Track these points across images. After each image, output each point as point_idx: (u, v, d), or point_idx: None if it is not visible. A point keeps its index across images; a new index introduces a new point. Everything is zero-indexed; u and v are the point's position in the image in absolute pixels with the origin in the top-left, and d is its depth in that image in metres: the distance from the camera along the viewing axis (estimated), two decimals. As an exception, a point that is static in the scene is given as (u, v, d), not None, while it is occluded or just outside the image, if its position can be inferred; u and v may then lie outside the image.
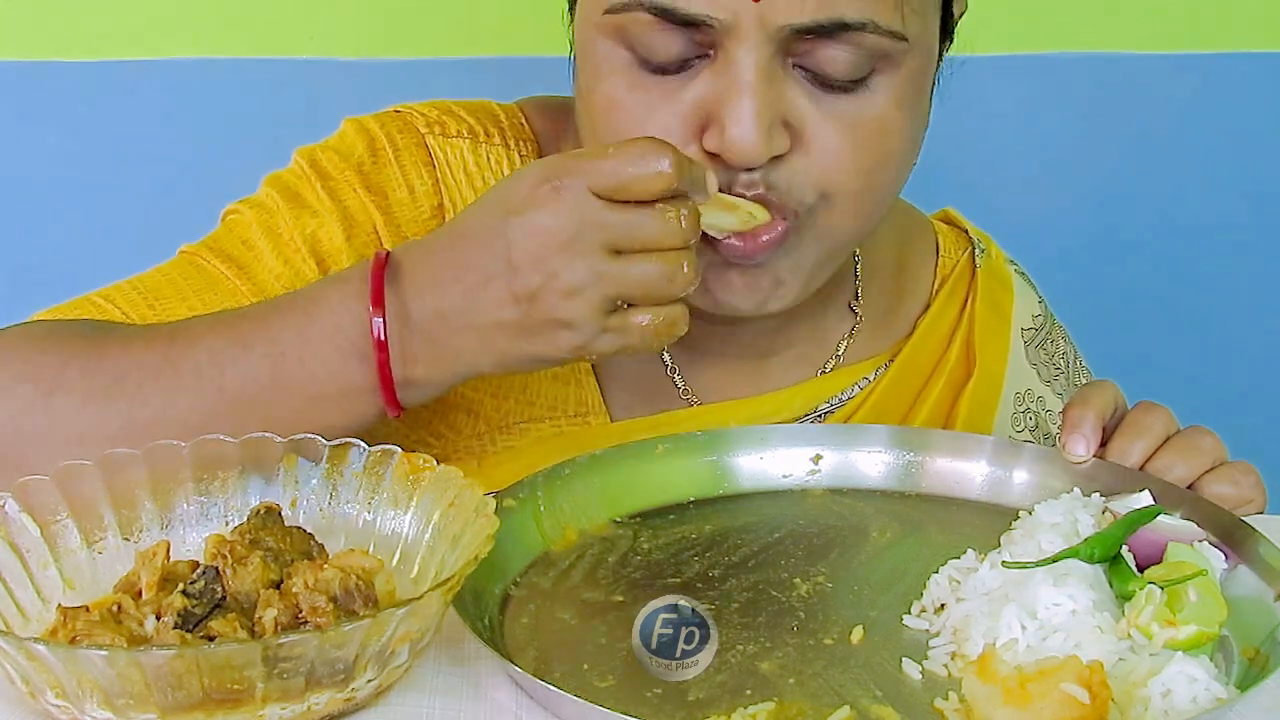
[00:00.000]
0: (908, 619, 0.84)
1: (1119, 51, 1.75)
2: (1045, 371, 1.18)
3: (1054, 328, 1.20)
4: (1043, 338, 1.18)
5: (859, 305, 1.12)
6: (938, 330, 1.14)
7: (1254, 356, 1.85)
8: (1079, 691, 0.70)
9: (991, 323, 1.15)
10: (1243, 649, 0.78)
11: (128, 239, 1.62)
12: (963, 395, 1.13)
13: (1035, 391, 1.16)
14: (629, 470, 0.96)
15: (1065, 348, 1.21)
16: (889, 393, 1.11)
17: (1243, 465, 0.96)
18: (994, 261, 1.18)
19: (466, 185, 1.07)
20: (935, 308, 1.14)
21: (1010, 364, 1.15)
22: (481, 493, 0.81)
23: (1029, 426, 1.16)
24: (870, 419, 1.10)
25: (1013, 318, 1.16)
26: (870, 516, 0.96)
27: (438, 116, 1.08)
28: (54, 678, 0.68)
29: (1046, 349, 1.19)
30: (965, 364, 1.14)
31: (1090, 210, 1.79)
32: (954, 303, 1.15)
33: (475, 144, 1.07)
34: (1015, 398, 1.15)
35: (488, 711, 0.76)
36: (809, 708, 0.75)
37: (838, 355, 1.12)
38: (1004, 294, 1.17)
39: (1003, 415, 1.14)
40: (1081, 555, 0.81)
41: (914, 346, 1.13)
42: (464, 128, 1.08)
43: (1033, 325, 1.18)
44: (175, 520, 0.84)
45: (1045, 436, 1.16)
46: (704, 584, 0.88)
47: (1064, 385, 1.19)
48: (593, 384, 1.08)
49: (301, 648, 0.68)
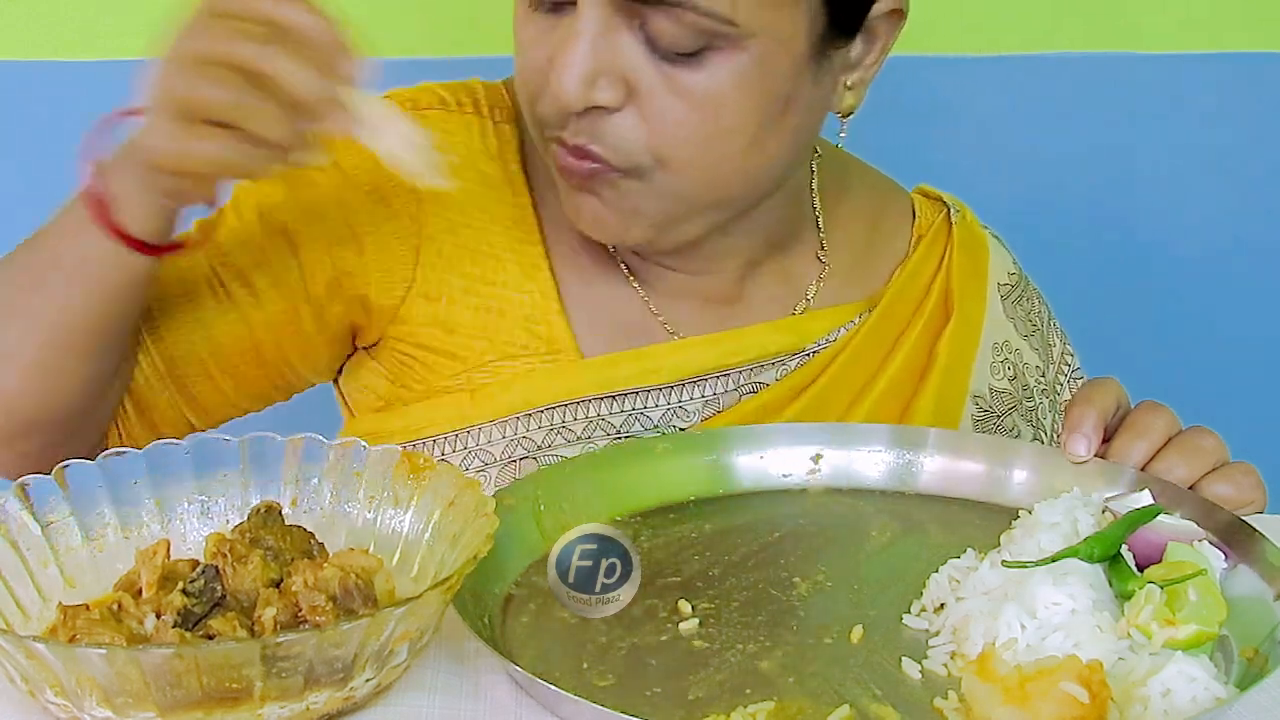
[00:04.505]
0: (907, 618, 0.84)
1: (1119, 51, 1.75)
2: (1022, 327, 1.20)
3: (1029, 287, 1.23)
4: (1018, 295, 1.21)
5: (825, 255, 1.16)
6: (917, 280, 1.17)
7: (1254, 356, 1.85)
8: (1078, 691, 0.70)
9: (969, 273, 1.18)
10: (1242, 648, 0.78)
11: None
12: (941, 339, 1.15)
13: (1013, 344, 1.19)
14: (629, 469, 0.97)
15: (1040, 307, 1.23)
16: (870, 337, 1.14)
17: (1243, 466, 0.96)
18: (969, 223, 1.22)
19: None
20: (915, 259, 1.18)
21: (988, 314, 1.18)
22: (481, 492, 0.81)
23: (1008, 376, 1.18)
24: (852, 361, 1.13)
25: (989, 272, 1.20)
26: (870, 516, 0.96)
27: (412, 94, 1.12)
28: (53, 676, 0.68)
29: (1023, 305, 1.21)
30: (944, 310, 1.17)
31: (1090, 210, 1.79)
32: (933, 255, 1.18)
33: (446, 113, 1.12)
34: (994, 347, 1.18)
35: (488, 711, 0.76)
36: (809, 707, 0.75)
37: (808, 299, 1.15)
38: (979, 249, 1.20)
39: (981, 362, 1.17)
40: (1081, 555, 0.81)
41: (894, 294, 1.16)
42: (435, 100, 1.12)
43: (1009, 282, 1.21)
44: (175, 519, 0.85)
45: (1024, 387, 1.18)
46: (704, 583, 0.88)
47: (1039, 343, 1.21)
48: (563, 324, 1.09)
49: (300, 646, 0.68)
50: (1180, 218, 1.80)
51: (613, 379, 1.08)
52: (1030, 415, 1.19)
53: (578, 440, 1.08)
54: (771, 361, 1.12)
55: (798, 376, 1.12)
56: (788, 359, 1.12)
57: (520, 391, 1.08)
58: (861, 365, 1.14)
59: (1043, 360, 1.21)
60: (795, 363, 1.12)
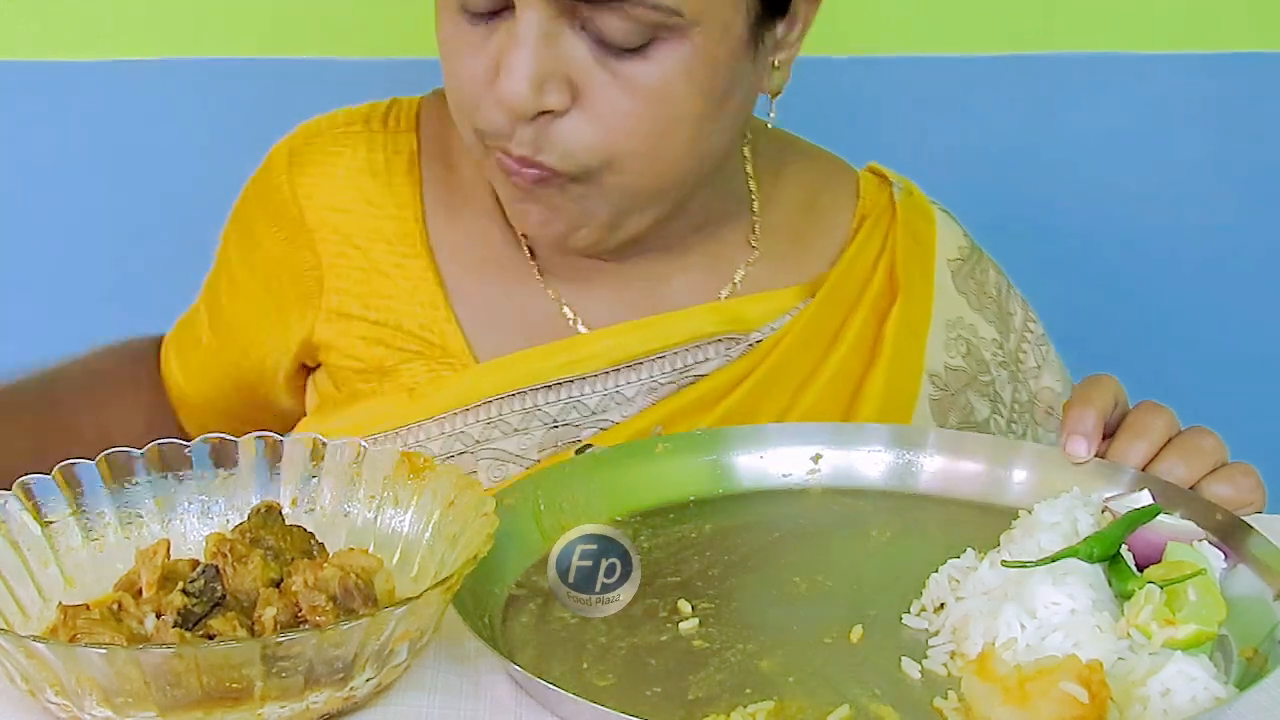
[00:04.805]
0: (907, 618, 0.84)
1: (1119, 51, 1.75)
2: (976, 300, 1.20)
3: (982, 259, 1.23)
4: (970, 268, 1.21)
5: (756, 239, 1.15)
6: (861, 261, 1.17)
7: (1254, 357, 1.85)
8: (1078, 691, 0.70)
9: (915, 251, 1.18)
10: (1242, 648, 0.78)
11: (127, 238, 1.62)
12: (888, 321, 1.15)
13: (966, 319, 1.18)
14: (629, 469, 0.97)
15: (997, 277, 1.23)
16: (815, 322, 1.14)
17: (1243, 466, 0.96)
18: (915, 199, 1.21)
19: (322, 180, 1.13)
20: (858, 241, 1.17)
21: (938, 292, 1.18)
22: (481, 491, 0.81)
23: (961, 353, 1.17)
24: (796, 347, 1.13)
25: (937, 248, 1.19)
26: (870, 515, 0.96)
27: (317, 122, 1.16)
28: (54, 676, 0.68)
29: (976, 278, 1.21)
30: (889, 291, 1.16)
31: (1090, 210, 1.79)
32: (876, 234, 1.18)
33: (335, 134, 1.14)
34: (946, 324, 1.17)
35: (487, 710, 0.76)
36: (808, 706, 0.75)
37: (735, 282, 1.14)
38: (926, 226, 1.20)
39: (934, 341, 1.16)
40: (1081, 555, 0.81)
41: (837, 277, 1.15)
42: (333, 122, 1.16)
43: (959, 256, 1.20)
44: (175, 519, 0.85)
45: (978, 362, 1.18)
46: (704, 583, 0.88)
47: (996, 314, 1.21)
48: (454, 332, 1.11)
49: (300, 646, 0.68)
50: (1180, 218, 1.80)
51: (536, 373, 1.09)
52: (986, 389, 1.18)
53: (515, 432, 1.08)
54: (709, 344, 1.11)
55: (740, 365, 1.11)
56: (730, 347, 1.12)
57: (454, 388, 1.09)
58: (807, 351, 1.13)
59: (1000, 332, 1.20)
60: (738, 351, 1.12)
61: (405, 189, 1.12)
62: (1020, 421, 1.20)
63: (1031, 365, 1.21)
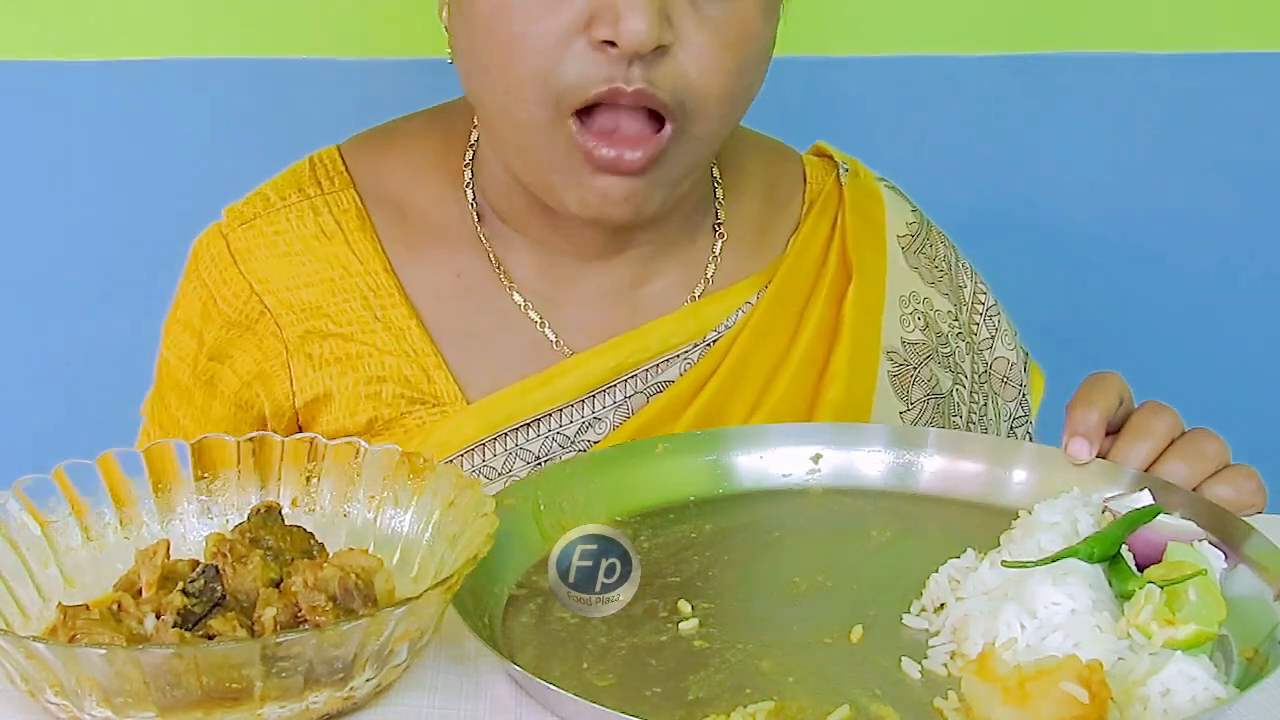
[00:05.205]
0: (907, 618, 0.84)
1: (1119, 51, 1.75)
2: (927, 274, 1.20)
3: (931, 232, 1.23)
4: (920, 243, 1.21)
5: (722, 226, 1.15)
6: (812, 248, 1.17)
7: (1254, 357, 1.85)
8: (1078, 691, 0.70)
9: (865, 231, 1.18)
10: (1242, 649, 0.78)
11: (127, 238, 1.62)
12: (845, 302, 1.15)
13: (920, 293, 1.19)
14: (629, 469, 0.97)
15: (945, 251, 1.23)
16: (771, 312, 1.13)
17: (1245, 469, 0.96)
18: (861, 179, 1.21)
19: (275, 261, 1.11)
20: (807, 226, 1.17)
21: (890, 269, 1.18)
22: (481, 492, 0.81)
23: (919, 327, 1.18)
24: (755, 339, 1.12)
25: (886, 225, 1.19)
26: (870, 515, 0.96)
27: (239, 208, 1.14)
28: (53, 676, 0.68)
29: (926, 253, 1.21)
30: (843, 272, 1.16)
31: (1090, 209, 1.79)
32: (825, 219, 1.18)
33: (272, 214, 1.12)
34: (900, 300, 1.17)
35: (488, 711, 0.76)
36: (808, 706, 0.75)
37: (708, 278, 1.14)
38: (874, 205, 1.20)
39: (890, 318, 1.16)
40: (1081, 555, 0.81)
41: (789, 265, 1.15)
42: (261, 205, 1.13)
43: (908, 232, 1.20)
44: (175, 519, 0.85)
45: (937, 334, 1.18)
46: (704, 583, 0.88)
47: (948, 286, 1.21)
48: (444, 376, 1.09)
49: (300, 646, 0.68)
50: (1179, 218, 1.80)
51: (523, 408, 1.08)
52: (948, 361, 1.18)
53: (499, 476, 1.08)
54: (674, 356, 1.11)
55: (702, 367, 1.11)
56: (689, 351, 1.12)
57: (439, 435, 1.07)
58: (768, 343, 1.13)
59: (954, 304, 1.20)
60: (697, 354, 1.12)
61: (364, 244, 1.11)
62: (981, 391, 1.20)
63: (985, 337, 1.22)
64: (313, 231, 1.11)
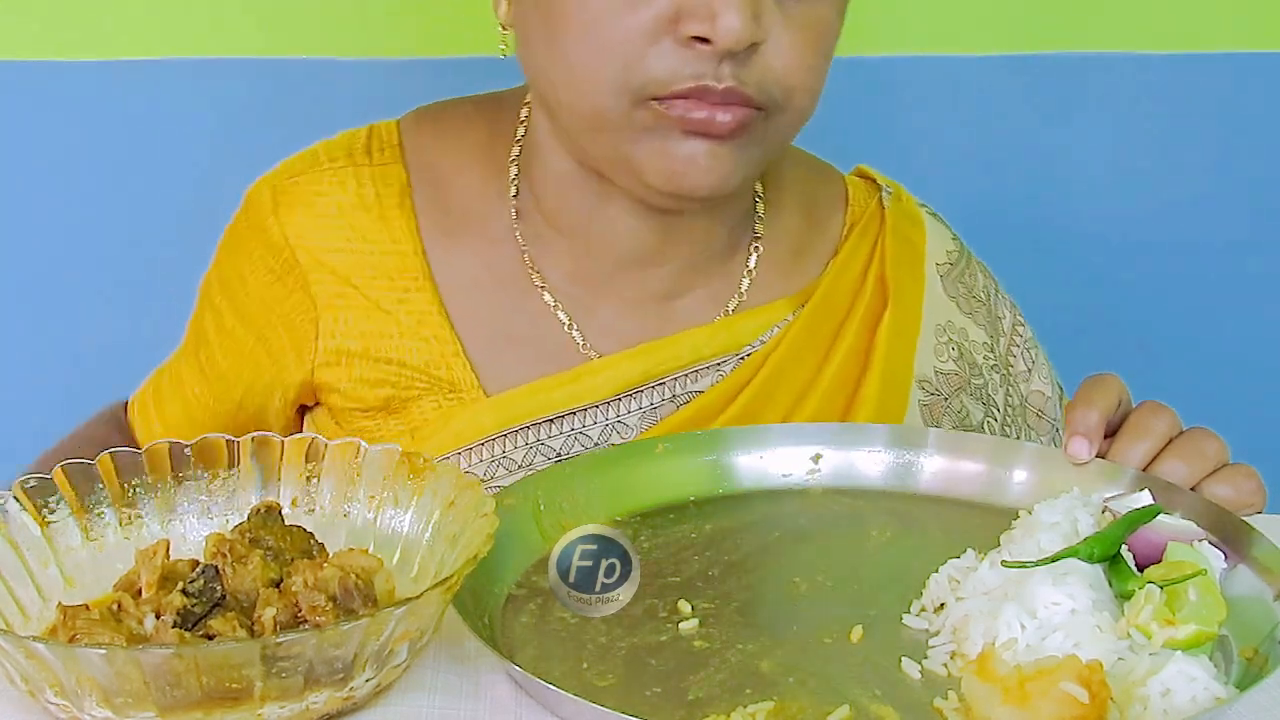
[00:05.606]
0: (907, 618, 0.84)
1: (1119, 51, 1.75)
2: (965, 304, 1.19)
3: (971, 262, 1.22)
4: (959, 272, 1.20)
5: (760, 243, 1.15)
6: (850, 270, 1.16)
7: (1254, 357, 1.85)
8: (1078, 691, 0.70)
9: (904, 257, 1.18)
10: (1242, 649, 0.78)
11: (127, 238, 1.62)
12: (880, 328, 1.15)
13: (956, 323, 1.18)
14: (629, 469, 0.97)
15: (985, 281, 1.22)
16: (805, 333, 1.13)
17: (1245, 468, 0.96)
18: (904, 204, 1.21)
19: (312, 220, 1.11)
20: (847, 248, 1.17)
21: (927, 297, 1.17)
22: (481, 492, 0.81)
23: (953, 357, 1.17)
24: (789, 357, 1.12)
25: (926, 253, 1.19)
26: (870, 515, 0.96)
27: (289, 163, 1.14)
28: (53, 676, 0.68)
29: (965, 282, 1.20)
30: (880, 298, 1.16)
31: (1090, 209, 1.79)
32: (865, 242, 1.18)
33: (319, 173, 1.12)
34: (936, 329, 1.17)
35: (488, 711, 0.76)
36: (808, 706, 0.75)
37: (741, 294, 1.14)
38: (915, 231, 1.20)
39: (924, 347, 1.16)
40: (1081, 555, 0.81)
41: (827, 286, 1.15)
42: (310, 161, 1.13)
43: (947, 260, 1.20)
44: (175, 519, 0.85)
45: (971, 366, 1.18)
46: (704, 583, 0.88)
47: (985, 317, 1.20)
48: (462, 364, 1.09)
49: (300, 646, 0.68)
50: (1180, 218, 1.80)
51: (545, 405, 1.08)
52: (980, 393, 1.18)
53: (519, 469, 1.07)
54: (706, 367, 1.11)
55: (733, 380, 1.11)
56: (722, 364, 1.11)
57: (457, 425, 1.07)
58: (800, 362, 1.12)
59: (990, 335, 1.20)
60: (729, 366, 1.11)
61: (400, 222, 1.10)
62: (1014, 424, 1.20)
63: (1021, 369, 1.21)
64: (352, 200, 1.11)
